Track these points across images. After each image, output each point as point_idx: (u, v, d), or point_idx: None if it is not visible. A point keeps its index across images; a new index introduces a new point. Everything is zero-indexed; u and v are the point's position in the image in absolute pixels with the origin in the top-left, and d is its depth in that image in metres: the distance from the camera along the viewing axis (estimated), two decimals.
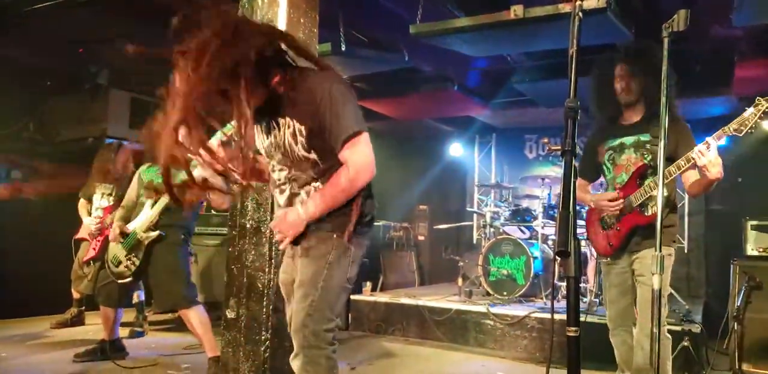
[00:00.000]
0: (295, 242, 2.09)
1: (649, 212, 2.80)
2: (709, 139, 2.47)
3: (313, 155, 2.01)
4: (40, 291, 5.35)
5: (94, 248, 4.91)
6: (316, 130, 1.96)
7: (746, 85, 5.57)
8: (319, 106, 1.93)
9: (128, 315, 4.84)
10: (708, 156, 2.46)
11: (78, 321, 5.36)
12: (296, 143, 2.00)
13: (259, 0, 3.27)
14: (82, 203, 5.15)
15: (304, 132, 1.97)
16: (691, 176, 2.77)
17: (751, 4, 3.59)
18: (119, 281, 3.83)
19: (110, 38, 5.32)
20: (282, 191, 2.14)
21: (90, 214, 5.04)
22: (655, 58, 2.80)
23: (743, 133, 2.47)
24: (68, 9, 4.27)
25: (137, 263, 3.78)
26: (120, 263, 3.81)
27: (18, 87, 5.88)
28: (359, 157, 1.96)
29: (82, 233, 5.12)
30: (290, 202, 2.11)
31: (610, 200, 2.88)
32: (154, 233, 3.77)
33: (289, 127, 2.00)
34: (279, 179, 2.14)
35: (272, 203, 2.20)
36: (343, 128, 1.93)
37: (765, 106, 2.43)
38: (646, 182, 2.80)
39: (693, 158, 2.55)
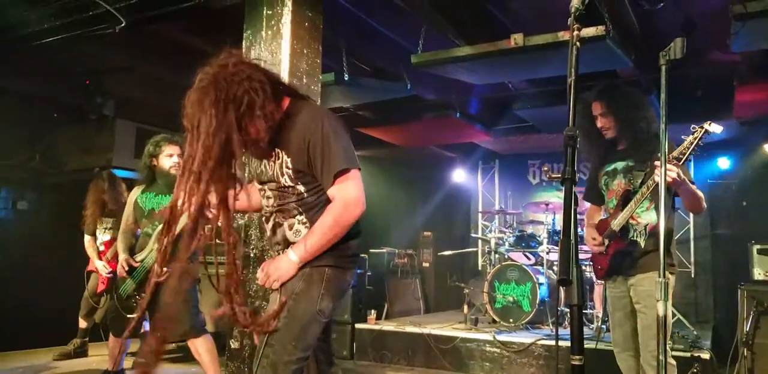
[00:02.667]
0: None
1: (628, 238, 2.86)
2: (657, 163, 2.50)
3: (300, 187, 2.01)
4: (42, 322, 5.32)
5: (103, 282, 4.91)
6: (304, 165, 1.97)
7: (746, 109, 5.61)
8: (309, 141, 1.94)
9: (133, 345, 4.80)
10: (671, 174, 2.47)
11: (81, 352, 5.30)
12: (283, 175, 2.01)
13: (263, 32, 3.35)
14: (88, 240, 4.99)
15: (290, 165, 1.98)
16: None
17: (747, 31, 3.65)
18: (128, 315, 3.73)
19: (116, 70, 5.44)
20: (268, 220, 2.14)
21: (98, 250, 5.00)
22: (624, 93, 2.94)
23: (683, 161, 2.51)
24: (76, 43, 4.36)
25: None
26: (129, 297, 3.74)
27: (25, 118, 5.95)
28: (346, 193, 1.94)
29: (93, 265, 5.10)
30: (274, 231, 2.11)
31: (593, 239, 2.96)
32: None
33: (278, 158, 2.01)
34: (267, 207, 2.14)
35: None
36: (332, 165, 1.93)
37: (700, 132, 2.46)
38: (626, 208, 2.84)
39: (651, 185, 2.64)
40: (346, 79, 4.68)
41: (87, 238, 5.01)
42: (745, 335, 3.91)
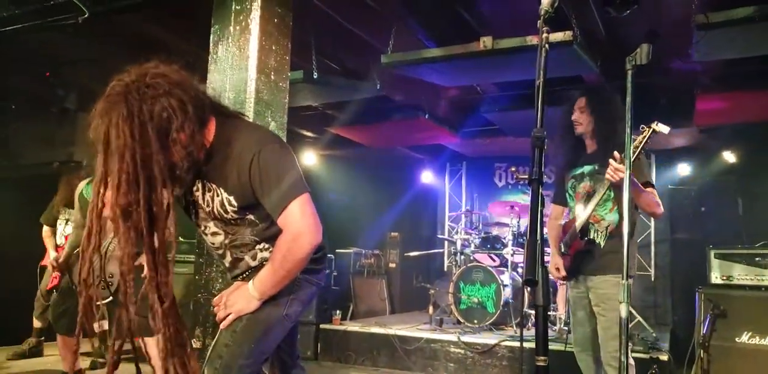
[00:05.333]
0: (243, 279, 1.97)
1: (588, 238, 2.90)
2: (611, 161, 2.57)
3: (250, 216, 1.87)
4: None
5: (55, 277, 4.72)
6: (249, 199, 1.81)
7: (706, 117, 5.77)
8: (248, 177, 1.77)
9: (86, 345, 4.66)
10: (620, 175, 2.53)
11: (37, 351, 5.13)
12: (226, 213, 1.85)
13: (231, 28, 3.29)
14: (46, 231, 4.80)
15: (234, 202, 1.82)
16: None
17: (708, 41, 3.75)
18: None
19: (80, 62, 5.27)
20: (222, 256, 1.98)
21: (56, 244, 4.78)
22: (611, 99, 2.95)
23: (632, 159, 2.53)
24: (38, 32, 4.22)
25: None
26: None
27: None
28: (293, 227, 1.77)
29: (47, 259, 4.91)
30: (234, 265, 1.97)
31: (557, 270, 2.99)
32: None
33: (217, 195, 1.83)
34: (214, 244, 1.97)
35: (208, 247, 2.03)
36: (276, 200, 1.77)
37: (648, 132, 2.56)
38: (587, 207, 2.88)
39: (606, 184, 2.72)
40: (315, 77, 4.65)
41: (45, 228, 4.77)
42: (702, 337, 4.00)
